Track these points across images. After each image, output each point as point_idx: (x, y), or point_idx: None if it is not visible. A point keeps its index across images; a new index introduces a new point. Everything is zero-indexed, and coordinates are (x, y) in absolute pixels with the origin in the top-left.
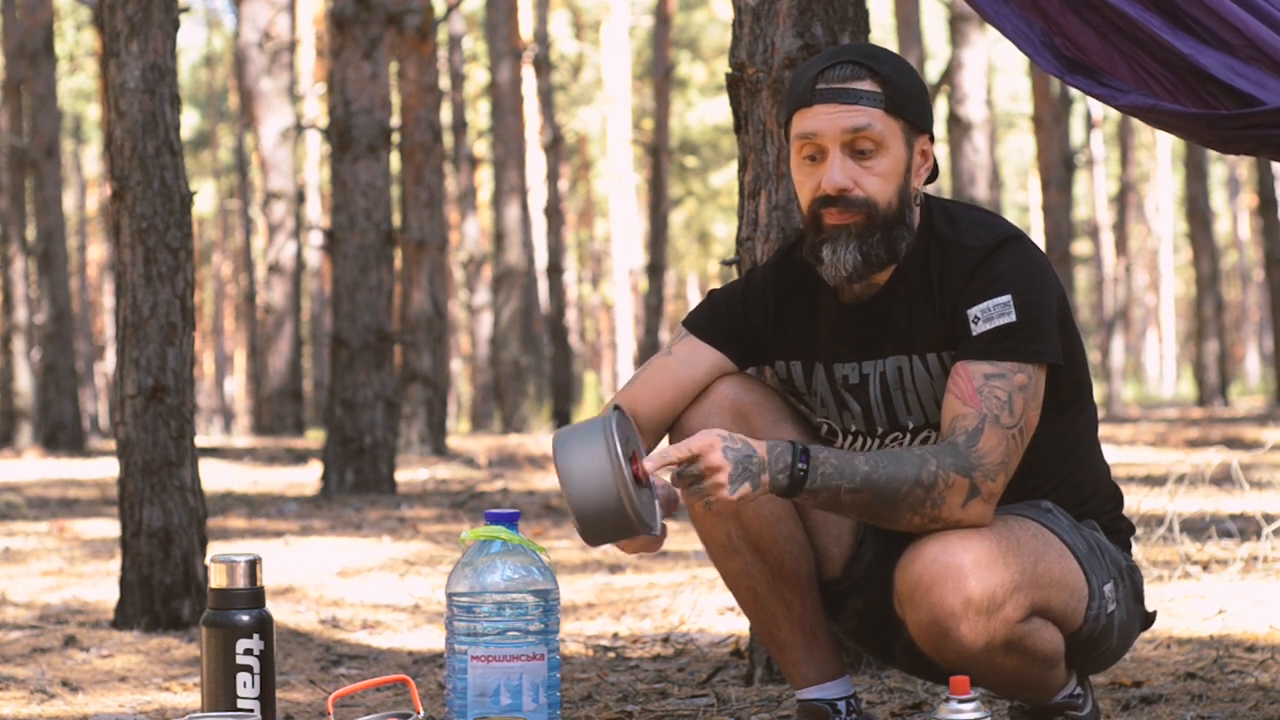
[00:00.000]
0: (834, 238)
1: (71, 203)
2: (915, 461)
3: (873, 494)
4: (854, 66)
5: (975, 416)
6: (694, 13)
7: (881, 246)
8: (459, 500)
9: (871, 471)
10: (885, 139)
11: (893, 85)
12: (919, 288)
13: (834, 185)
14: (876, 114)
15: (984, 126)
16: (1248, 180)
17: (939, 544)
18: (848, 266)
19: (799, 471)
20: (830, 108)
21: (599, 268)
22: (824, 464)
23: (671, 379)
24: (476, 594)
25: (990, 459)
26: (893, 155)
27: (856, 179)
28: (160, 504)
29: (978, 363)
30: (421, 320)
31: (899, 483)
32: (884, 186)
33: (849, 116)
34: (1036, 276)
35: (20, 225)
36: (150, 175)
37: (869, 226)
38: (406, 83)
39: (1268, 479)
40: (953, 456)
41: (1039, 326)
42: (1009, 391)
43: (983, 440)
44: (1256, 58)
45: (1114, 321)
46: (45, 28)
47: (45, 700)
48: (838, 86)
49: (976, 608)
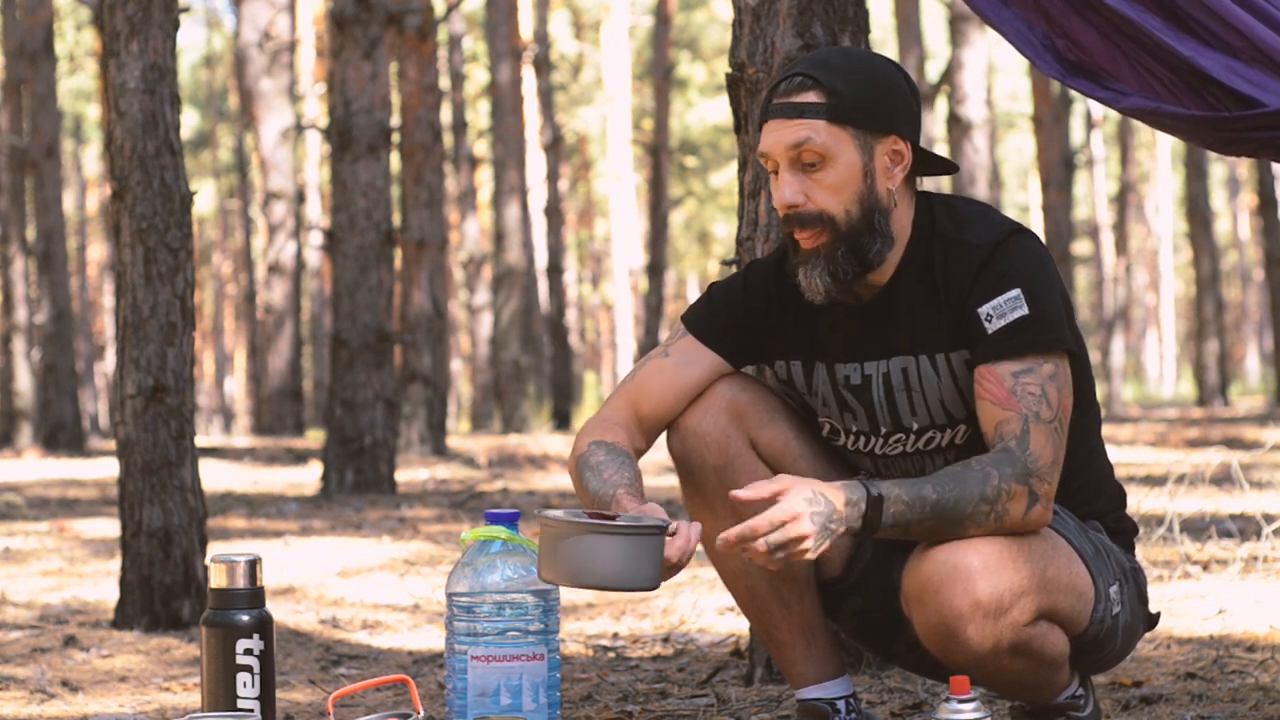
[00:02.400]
0: (805, 262)
1: (71, 203)
2: (978, 478)
3: (940, 520)
4: (801, 79)
5: (1018, 419)
6: (694, 13)
7: (849, 260)
8: (459, 500)
9: (940, 499)
10: (830, 150)
11: (838, 94)
12: (923, 287)
13: (782, 202)
14: (819, 125)
15: (984, 126)
16: (1248, 180)
17: (949, 546)
18: (820, 290)
19: (871, 520)
20: (777, 124)
21: (599, 268)
22: (894, 503)
23: (669, 380)
24: (476, 594)
25: (1043, 460)
26: (843, 164)
27: (807, 193)
28: (160, 504)
29: (1001, 363)
30: (421, 320)
31: (965, 503)
32: (835, 197)
33: (790, 132)
34: (1042, 268)
35: (20, 225)
36: (150, 175)
37: (833, 243)
38: (406, 83)
39: (1268, 479)
40: (1011, 465)
41: (1054, 316)
42: (1040, 385)
43: (1032, 442)
44: (1258, 59)
45: (1114, 321)
46: (45, 28)
47: (45, 700)
48: (783, 101)
49: (984, 610)
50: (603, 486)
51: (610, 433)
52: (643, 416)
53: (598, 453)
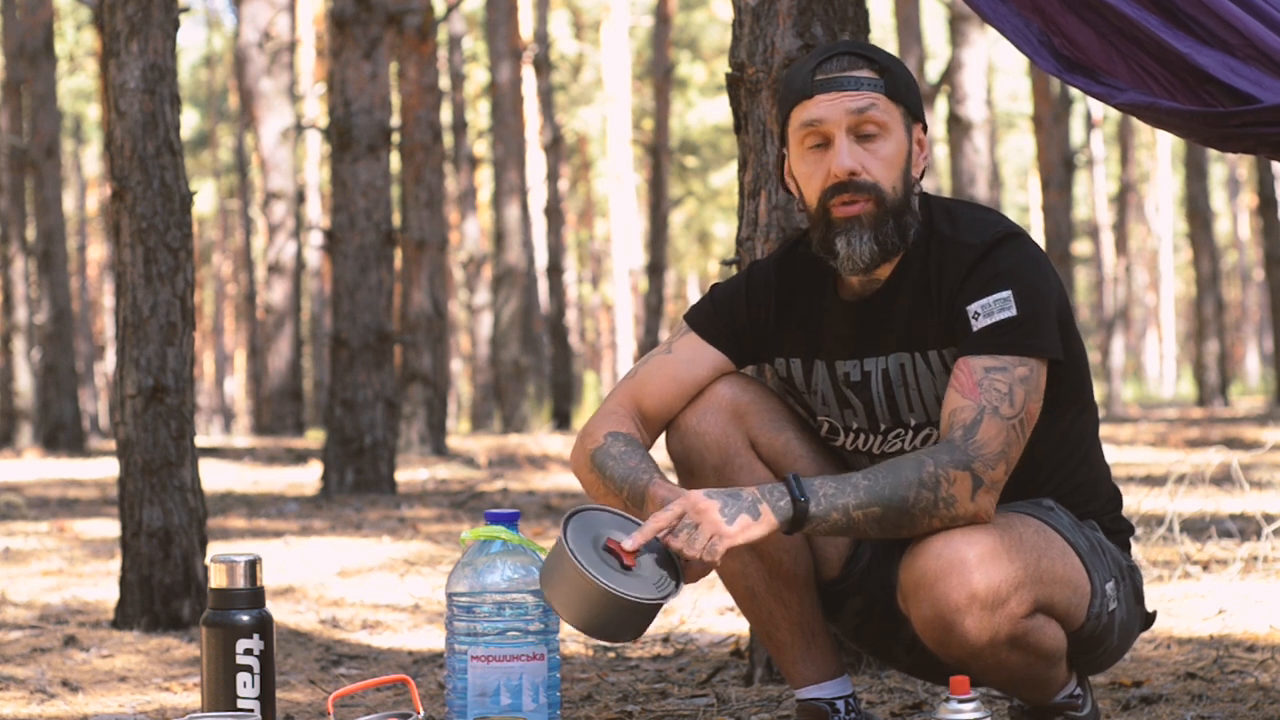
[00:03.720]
0: (847, 230)
1: (71, 203)
2: (913, 465)
3: (883, 507)
4: (850, 57)
5: (974, 409)
6: (694, 13)
7: (895, 234)
8: (459, 500)
9: (872, 484)
10: (888, 123)
11: (891, 72)
12: (919, 285)
13: (844, 169)
14: (879, 98)
15: (984, 126)
16: (1248, 180)
17: (943, 539)
18: (865, 257)
19: (799, 495)
20: (831, 95)
21: (599, 268)
22: (821, 486)
23: (671, 378)
24: (476, 594)
25: (989, 449)
26: (896, 140)
27: (864, 163)
28: (160, 504)
29: (978, 357)
30: (421, 320)
31: (903, 488)
32: (889, 172)
33: (853, 99)
34: (1036, 273)
35: (20, 225)
36: (150, 175)
37: (880, 214)
38: (406, 83)
39: (1268, 479)
40: (949, 453)
41: (1039, 321)
42: (1009, 383)
43: (980, 431)
44: (1255, 57)
45: (1114, 321)
46: (45, 28)
47: (45, 700)
48: (837, 75)
49: (981, 602)
50: (631, 474)
51: (622, 424)
52: (645, 412)
53: (617, 443)
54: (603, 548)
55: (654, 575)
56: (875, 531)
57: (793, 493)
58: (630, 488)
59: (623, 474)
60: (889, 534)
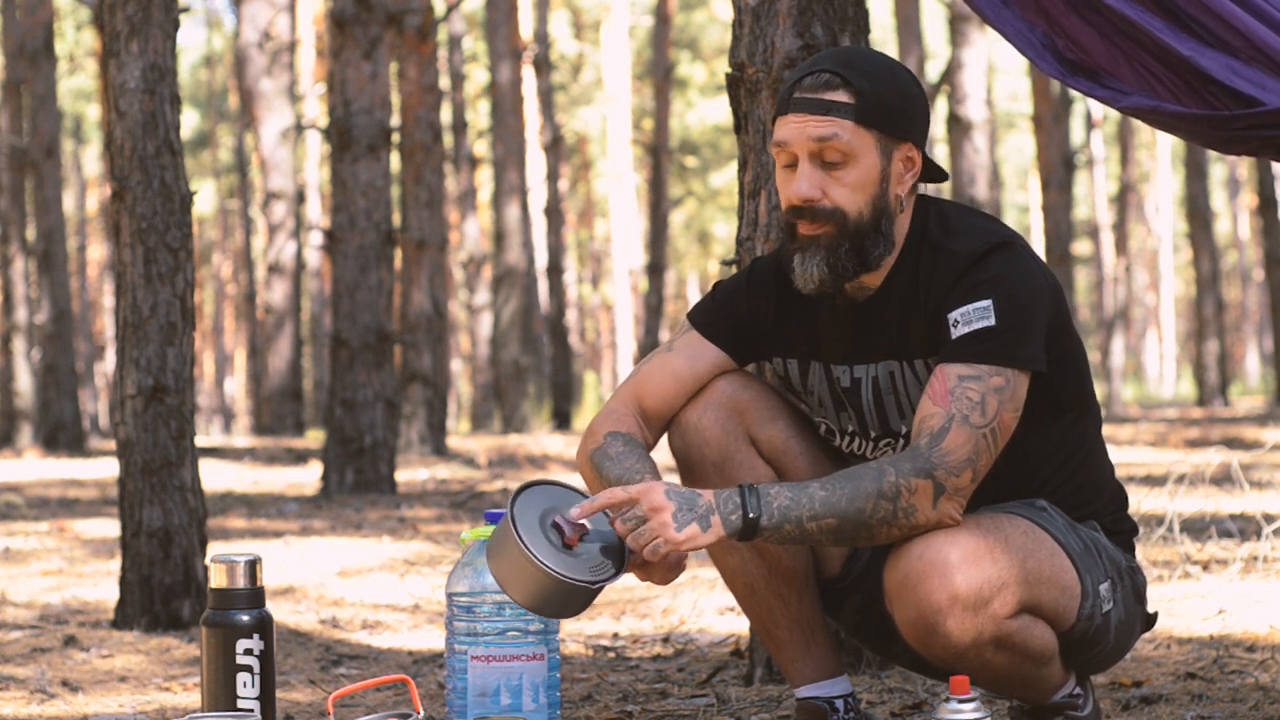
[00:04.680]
0: (804, 248)
1: (71, 203)
2: (873, 475)
3: (838, 518)
4: (829, 75)
5: (943, 416)
6: (694, 13)
7: (851, 258)
8: (459, 500)
9: (829, 495)
10: (854, 150)
11: (866, 96)
12: (909, 293)
13: (799, 195)
14: (846, 125)
15: (984, 126)
16: (1248, 180)
17: (926, 540)
18: (814, 279)
19: (751, 508)
20: (800, 117)
21: (599, 268)
22: (776, 498)
23: (672, 375)
24: (476, 594)
25: (954, 456)
26: (864, 166)
27: (825, 188)
28: (160, 504)
29: (954, 365)
30: (421, 320)
31: (861, 499)
32: (853, 197)
33: (816, 126)
34: (1022, 282)
35: (20, 225)
36: (150, 175)
37: (838, 237)
38: (406, 83)
39: (1268, 479)
40: (911, 461)
41: (1020, 332)
42: (982, 393)
43: (947, 439)
44: (1257, 59)
45: (1114, 321)
46: (45, 28)
47: (45, 700)
48: (809, 96)
49: (963, 603)
50: (625, 474)
51: (623, 424)
52: (647, 411)
53: (616, 443)
54: (550, 524)
55: (594, 559)
56: (831, 541)
57: (744, 506)
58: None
59: (619, 474)
60: (846, 544)
